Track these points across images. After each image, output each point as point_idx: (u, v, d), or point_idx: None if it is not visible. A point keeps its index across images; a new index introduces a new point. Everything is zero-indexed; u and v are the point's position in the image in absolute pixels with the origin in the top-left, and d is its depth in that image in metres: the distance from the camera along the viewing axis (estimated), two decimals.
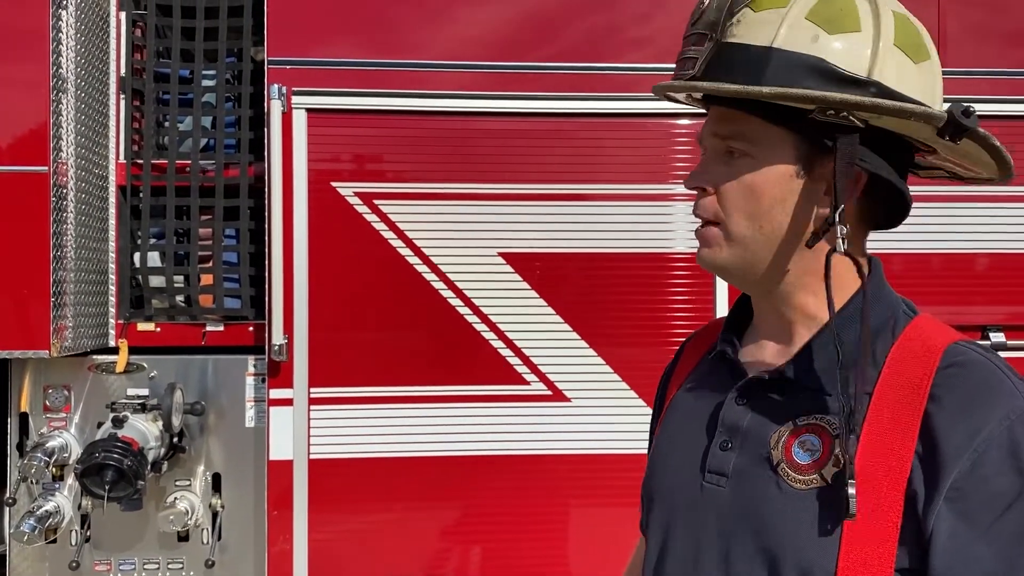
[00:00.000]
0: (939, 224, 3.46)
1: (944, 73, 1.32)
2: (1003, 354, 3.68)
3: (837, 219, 1.19)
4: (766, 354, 1.35)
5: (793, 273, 1.29)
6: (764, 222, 1.26)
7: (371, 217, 3.37)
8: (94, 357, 3.44)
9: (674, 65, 1.35)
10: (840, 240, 1.20)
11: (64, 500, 3.37)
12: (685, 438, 1.39)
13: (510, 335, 3.41)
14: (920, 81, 1.24)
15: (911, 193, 1.30)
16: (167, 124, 3.59)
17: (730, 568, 1.25)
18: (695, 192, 1.32)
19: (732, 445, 1.30)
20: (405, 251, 3.38)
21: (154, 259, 3.55)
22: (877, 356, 1.24)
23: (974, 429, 1.13)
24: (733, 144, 1.27)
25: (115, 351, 3.46)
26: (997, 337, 3.49)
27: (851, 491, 1.13)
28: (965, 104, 1.17)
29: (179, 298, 3.56)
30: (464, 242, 3.40)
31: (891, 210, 1.32)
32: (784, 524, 1.20)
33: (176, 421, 3.31)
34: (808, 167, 1.25)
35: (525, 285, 3.41)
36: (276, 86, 3.33)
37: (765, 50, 1.22)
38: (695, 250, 1.38)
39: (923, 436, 1.15)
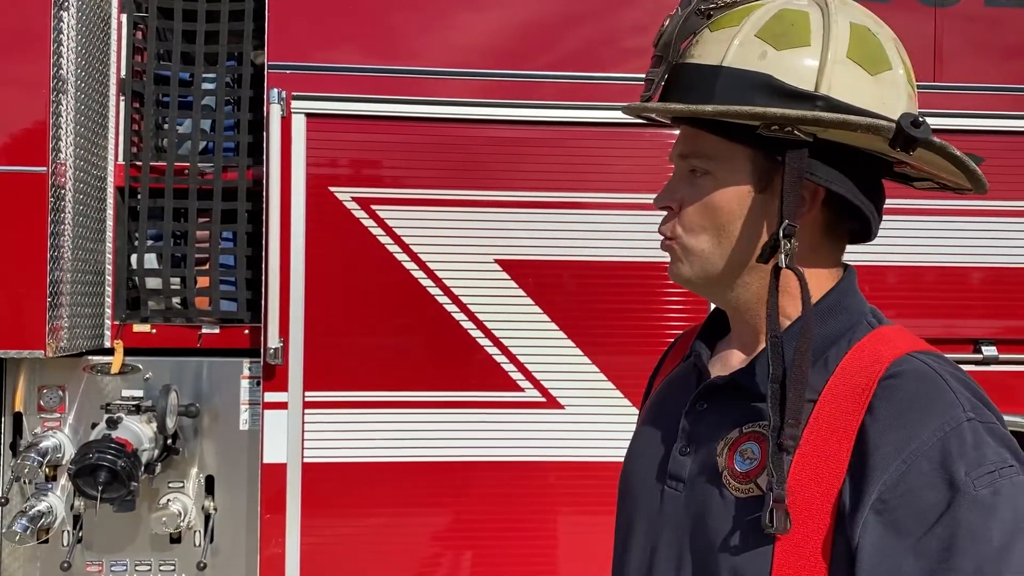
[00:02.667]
0: (932, 238, 3.47)
1: (940, 88, 1.33)
2: (995, 368, 3.65)
3: (782, 234, 1.21)
4: (731, 361, 1.37)
5: (754, 287, 1.30)
6: (723, 238, 1.28)
7: (368, 222, 3.38)
8: (89, 358, 3.45)
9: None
10: (784, 255, 1.21)
11: (57, 500, 3.36)
12: (652, 442, 1.41)
13: (505, 342, 3.42)
14: (877, 93, 1.23)
15: (892, 206, 1.31)
16: (166, 126, 3.61)
17: (680, 573, 1.26)
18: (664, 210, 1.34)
19: (689, 450, 1.31)
20: (402, 256, 3.39)
21: (151, 261, 3.56)
22: (829, 364, 1.23)
23: (904, 440, 1.11)
24: (694, 162, 1.29)
25: (110, 352, 3.46)
26: (990, 351, 3.51)
27: (770, 504, 1.13)
28: (915, 114, 1.17)
29: (175, 300, 3.57)
30: (461, 249, 3.41)
31: (861, 223, 1.31)
32: (721, 532, 1.21)
33: (170, 423, 3.31)
34: (764, 183, 1.26)
35: (521, 292, 3.42)
36: (276, 90, 3.34)
37: (715, 68, 1.24)
38: None
39: (856, 447, 1.14)
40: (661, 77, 1.30)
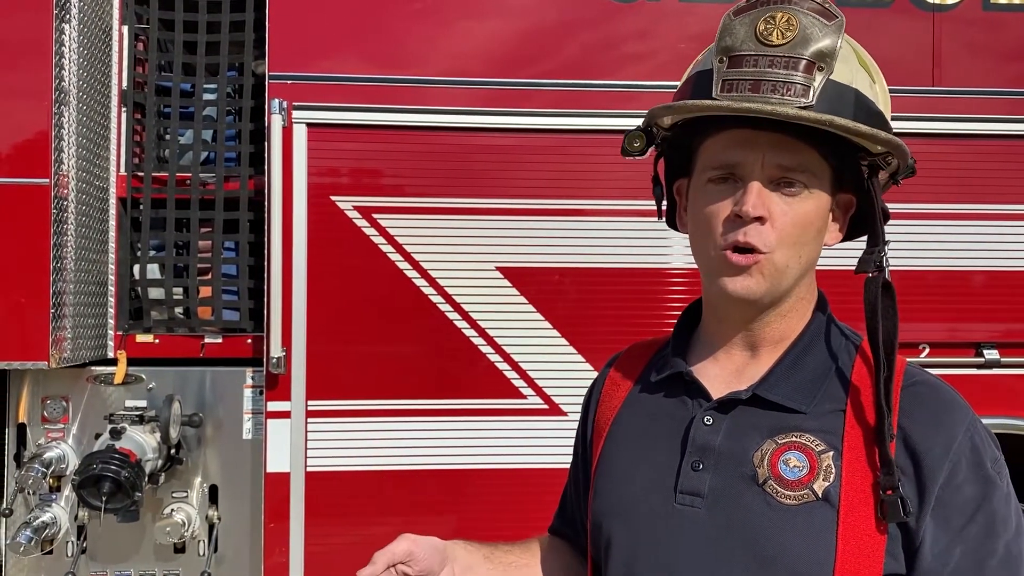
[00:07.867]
0: (932, 242, 3.47)
1: (939, 93, 1.39)
2: (997, 371, 3.67)
3: (887, 249, 1.29)
4: (726, 374, 1.37)
5: (790, 300, 1.34)
6: (804, 252, 1.29)
7: (370, 231, 3.39)
8: (92, 368, 3.45)
9: (671, 81, 1.37)
10: (885, 269, 1.29)
11: (61, 511, 3.37)
12: (646, 460, 1.39)
13: (507, 349, 3.42)
14: None
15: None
16: (168, 137, 3.62)
17: None
18: (751, 218, 1.26)
19: (704, 465, 1.31)
20: (403, 265, 3.39)
21: (153, 271, 3.56)
22: (844, 375, 1.31)
23: (948, 440, 1.22)
24: (796, 176, 1.27)
25: (114, 362, 3.47)
26: (991, 354, 3.50)
27: (903, 492, 1.19)
28: None
29: (178, 310, 3.57)
30: (462, 256, 3.41)
31: None
32: (778, 537, 1.23)
33: (174, 433, 3.32)
34: (832, 200, 1.33)
35: (523, 299, 3.42)
36: (277, 100, 3.35)
37: (849, 88, 1.26)
38: (692, 266, 1.42)
39: (904, 447, 1.23)
40: (821, 87, 1.23)
